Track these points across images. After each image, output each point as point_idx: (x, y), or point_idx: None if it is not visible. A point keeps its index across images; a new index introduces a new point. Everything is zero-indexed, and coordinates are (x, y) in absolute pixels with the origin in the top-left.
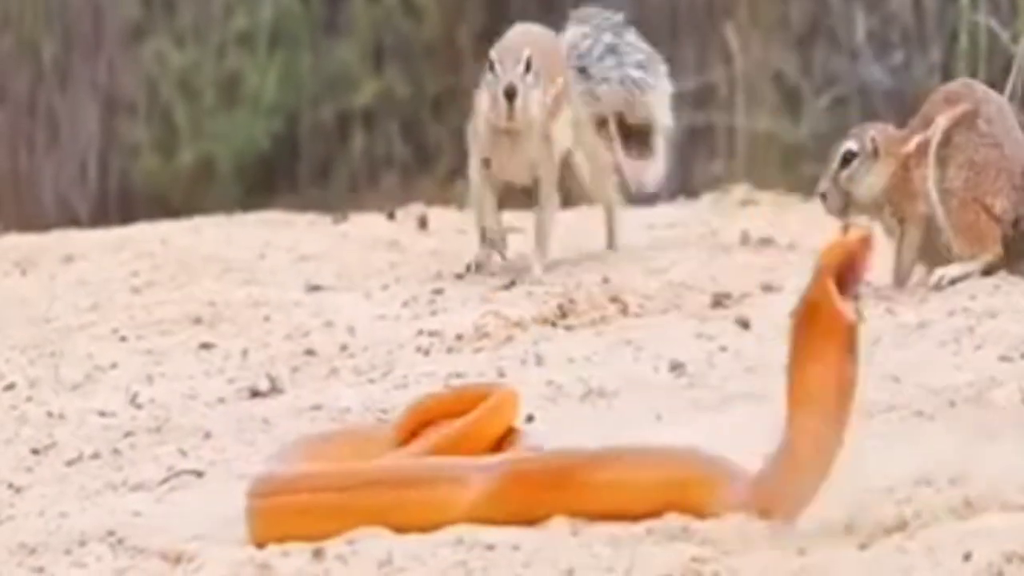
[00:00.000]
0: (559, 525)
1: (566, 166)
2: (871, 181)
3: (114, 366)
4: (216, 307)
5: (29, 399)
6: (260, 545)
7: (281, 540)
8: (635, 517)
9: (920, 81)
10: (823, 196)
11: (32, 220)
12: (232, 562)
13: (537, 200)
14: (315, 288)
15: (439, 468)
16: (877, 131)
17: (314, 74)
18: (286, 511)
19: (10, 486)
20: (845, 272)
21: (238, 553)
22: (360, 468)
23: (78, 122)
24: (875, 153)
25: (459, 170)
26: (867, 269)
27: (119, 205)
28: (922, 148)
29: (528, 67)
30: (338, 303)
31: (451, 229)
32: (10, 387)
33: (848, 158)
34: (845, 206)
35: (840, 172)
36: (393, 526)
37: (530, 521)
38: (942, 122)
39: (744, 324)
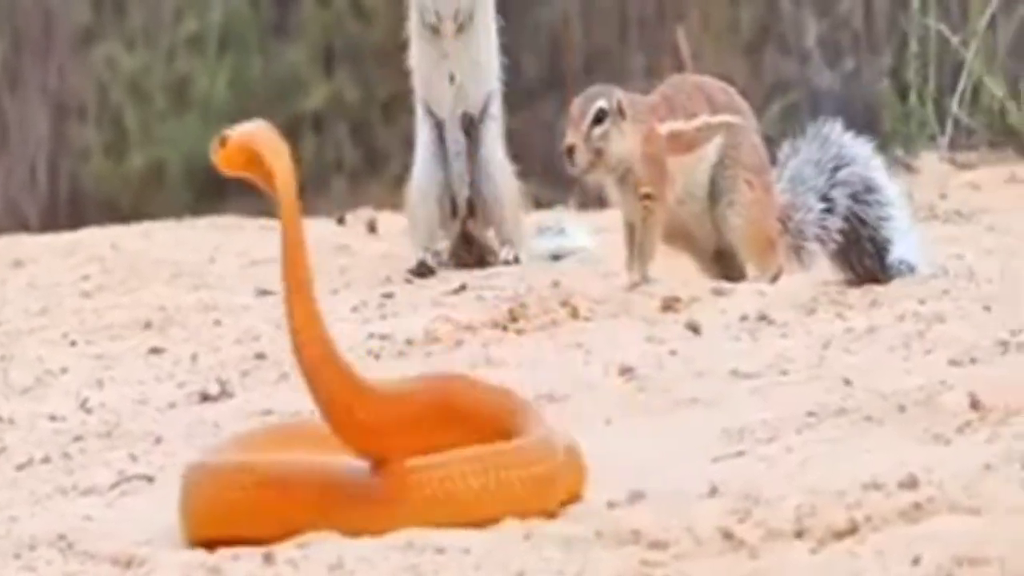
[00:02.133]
0: (511, 527)
1: None
2: (621, 142)
3: (64, 371)
4: (166, 311)
5: None
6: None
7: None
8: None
9: (871, 86)
10: (569, 151)
11: None
12: (182, 566)
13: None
14: (265, 292)
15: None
16: (623, 95)
17: (264, 78)
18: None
19: None
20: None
21: (188, 557)
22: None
23: (28, 126)
24: (622, 114)
25: (407, 175)
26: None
27: (69, 209)
28: (678, 138)
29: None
30: None
31: (401, 233)
32: None
33: (600, 117)
34: (591, 165)
35: (592, 129)
36: None
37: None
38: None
39: (694, 328)
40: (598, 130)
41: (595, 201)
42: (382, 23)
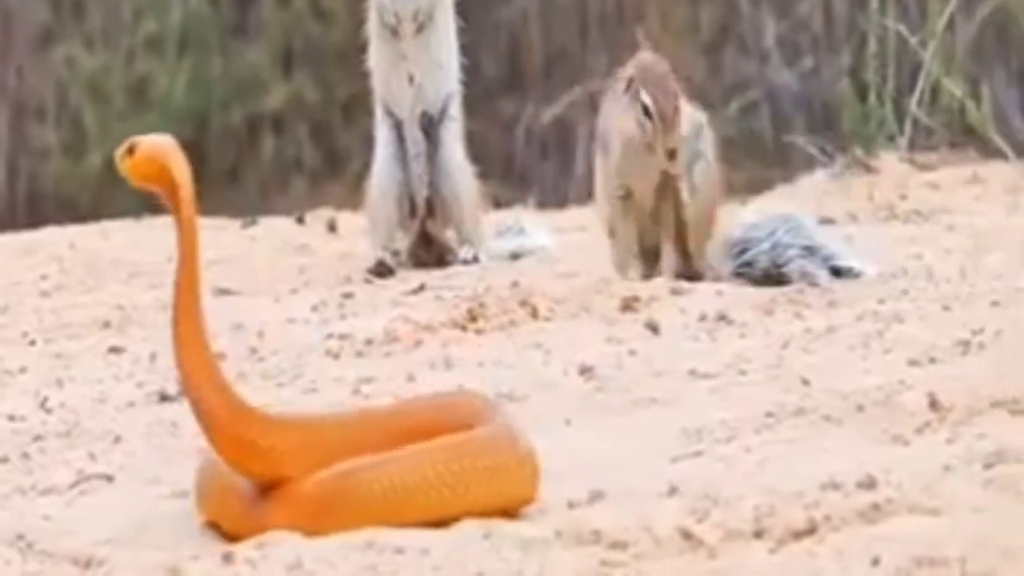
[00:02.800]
0: (470, 528)
1: None
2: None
3: (23, 370)
4: (125, 311)
5: None
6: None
7: None
8: None
9: (829, 86)
10: (672, 155)
11: None
12: (142, 566)
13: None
14: (224, 292)
15: None
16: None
17: (223, 78)
18: None
19: None
20: None
21: (148, 557)
22: None
23: None
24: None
25: (366, 175)
26: None
27: (28, 209)
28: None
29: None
30: (247, 307)
31: (360, 233)
32: None
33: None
34: None
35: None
36: None
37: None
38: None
39: (653, 328)
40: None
41: (554, 201)
42: (342, 24)
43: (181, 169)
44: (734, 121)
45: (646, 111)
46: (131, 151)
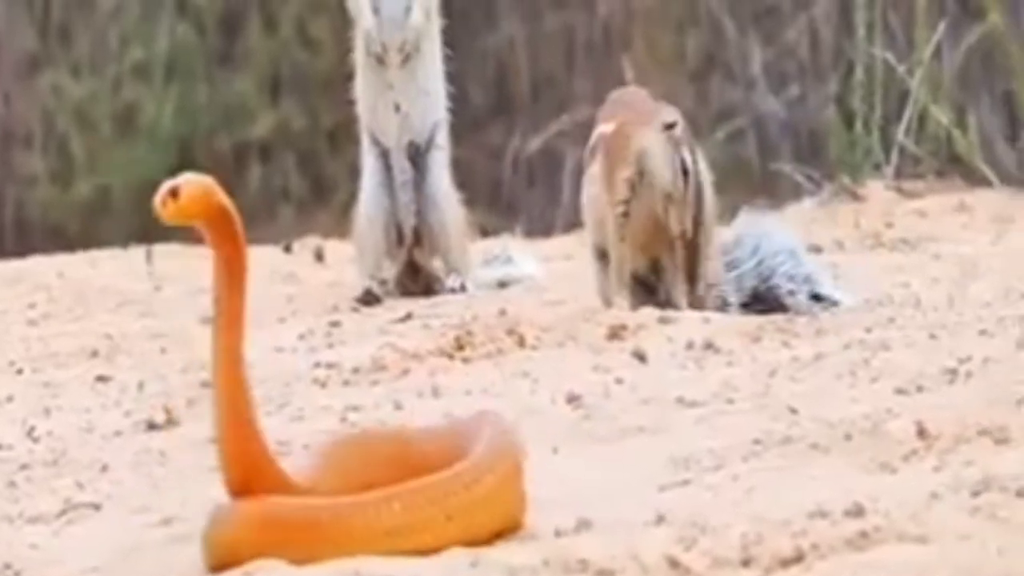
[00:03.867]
0: (457, 556)
1: None
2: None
3: (10, 399)
4: (113, 340)
5: None
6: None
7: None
8: None
9: (816, 113)
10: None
11: None
12: None
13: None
14: (211, 320)
15: None
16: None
17: (210, 106)
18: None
19: None
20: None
21: None
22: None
23: None
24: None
25: (353, 204)
26: None
27: (15, 237)
28: None
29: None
30: None
31: (347, 261)
32: None
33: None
34: None
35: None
36: None
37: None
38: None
39: (640, 356)
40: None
41: (541, 229)
42: (328, 52)
43: (228, 202)
44: (721, 148)
45: (685, 170)
46: (174, 194)
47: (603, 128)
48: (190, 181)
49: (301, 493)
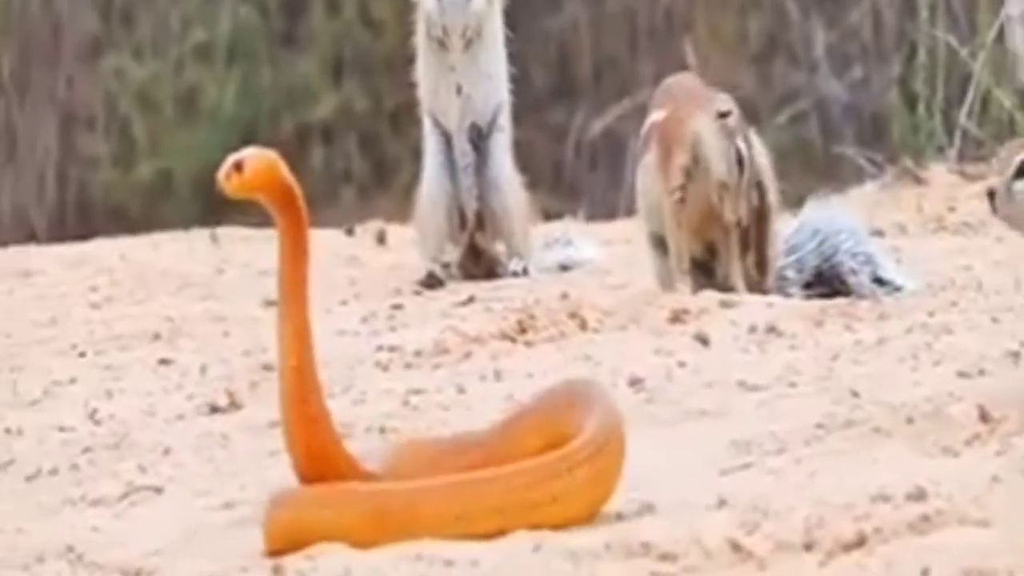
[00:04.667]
0: (520, 540)
1: None
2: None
3: (73, 381)
4: (174, 322)
5: None
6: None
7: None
8: None
9: (879, 96)
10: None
11: None
12: None
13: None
14: (273, 303)
15: None
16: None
17: (272, 88)
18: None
19: None
20: None
21: (198, 569)
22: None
23: (36, 136)
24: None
25: (415, 187)
26: None
27: (77, 220)
28: None
29: None
30: None
31: (409, 245)
32: None
33: None
34: None
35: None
36: None
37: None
38: None
39: (702, 340)
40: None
41: (603, 212)
42: (391, 33)
43: (291, 177)
44: (783, 132)
45: (740, 160)
46: (238, 168)
47: (655, 116)
48: (254, 155)
49: (370, 478)
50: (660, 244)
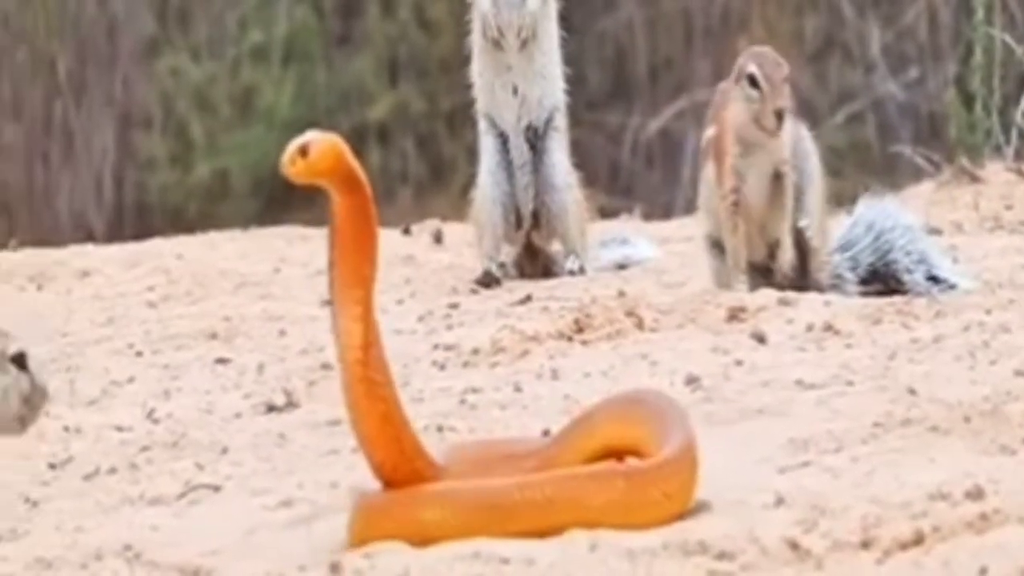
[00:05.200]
0: (576, 538)
1: None
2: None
3: (131, 381)
4: (232, 322)
5: (46, 414)
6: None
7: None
8: None
9: (935, 95)
10: (780, 115)
11: (48, 235)
12: None
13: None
14: (330, 303)
15: None
16: None
17: (328, 88)
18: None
19: (27, 500)
20: None
21: (256, 568)
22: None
23: (93, 137)
24: None
25: (472, 186)
26: None
27: (134, 220)
28: None
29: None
30: None
31: (466, 244)
32: None
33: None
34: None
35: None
36: None
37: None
38: None
39: (760, 338)
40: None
41: (660, 211)
42: (447, 34)
43: (354, 159)
44: (840, 131)
45: (753, 81)
46: (303, 152)
47: (711, 131)
48: (318, 139)
49: (446, 477)
50: (716, 245)
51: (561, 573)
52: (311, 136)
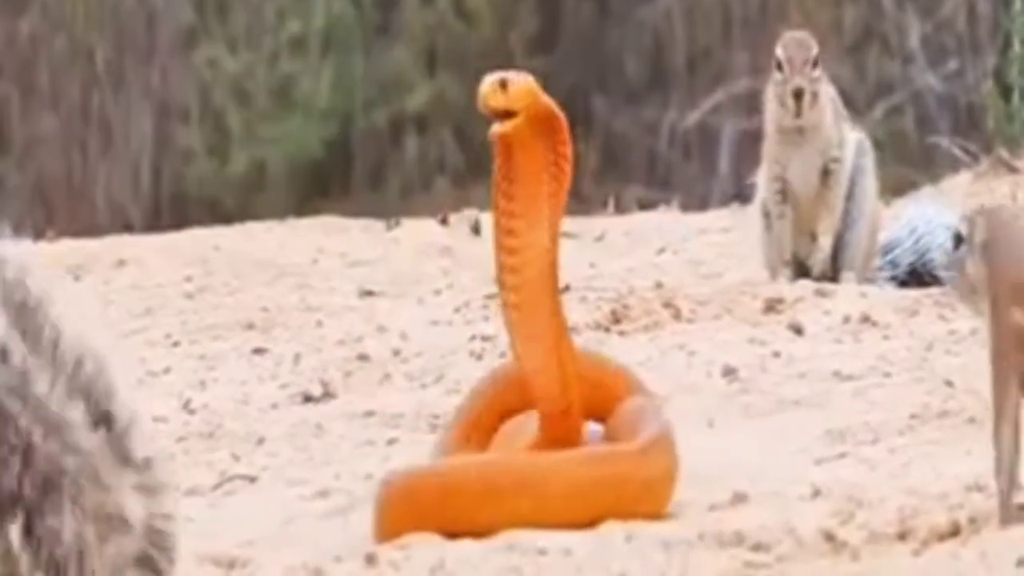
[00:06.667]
0: (612, 529)
1: None
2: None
3: (167, 371)
4: (269, 312)
5: None
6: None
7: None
8: None
9: (974, 87)
10: (798, 95)
11: (85, 225)
12: (285, 568)
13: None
14: (368, 293)
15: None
16: None
17: (367, 79)
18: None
19: None
20: None
21: (292, 558)
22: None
23: (131, 127)
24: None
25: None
26: None
27: (172, 210)
28: None
29: (816, 64)
30: (391, 308)
31: None
32: None
33: (816, 61)
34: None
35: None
36: None
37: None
38: None
39: (797, 329)
40: (816, 74)
41: (697, 202)
42: (485, 23)
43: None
44: (879, 123)
45: (778, 64)
46: (503, 85)
47: None
48: (516, 76)
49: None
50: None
51: (598, 564)
52: (508, 73)
